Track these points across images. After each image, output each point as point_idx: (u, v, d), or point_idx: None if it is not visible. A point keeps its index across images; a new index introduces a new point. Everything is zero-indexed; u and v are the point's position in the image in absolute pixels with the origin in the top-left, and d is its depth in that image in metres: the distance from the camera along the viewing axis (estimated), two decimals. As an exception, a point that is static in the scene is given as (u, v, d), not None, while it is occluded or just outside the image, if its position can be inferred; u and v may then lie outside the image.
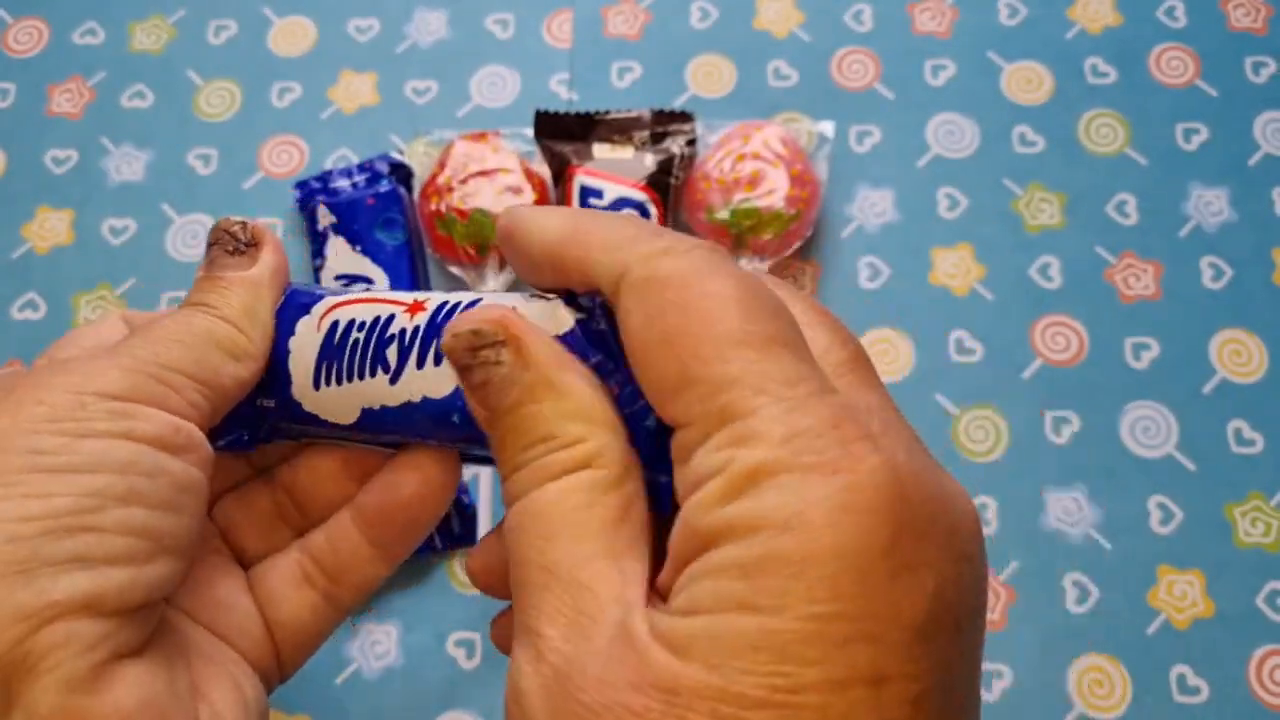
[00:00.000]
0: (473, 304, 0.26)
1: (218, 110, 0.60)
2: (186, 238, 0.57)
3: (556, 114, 0.55)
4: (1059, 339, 0.53)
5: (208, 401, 0.27)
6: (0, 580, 0.22)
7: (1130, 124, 0.58)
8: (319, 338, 0.28)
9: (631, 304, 0.22)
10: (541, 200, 0.54)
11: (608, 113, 0.55)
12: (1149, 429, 0.52)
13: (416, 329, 0.26)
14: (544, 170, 0.55)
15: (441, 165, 0.54)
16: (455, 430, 0.26)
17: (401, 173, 0.55)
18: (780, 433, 0.20)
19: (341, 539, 0.30)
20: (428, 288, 0.54)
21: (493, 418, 0.23)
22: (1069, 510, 0.50)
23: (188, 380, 0.26)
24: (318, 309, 0.28)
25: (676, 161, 0.53)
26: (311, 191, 0.55)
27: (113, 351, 0.26)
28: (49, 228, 0.57)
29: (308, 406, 0.28)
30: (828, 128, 0.57)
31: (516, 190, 0.53)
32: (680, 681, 0.19)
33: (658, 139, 0.55)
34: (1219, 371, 0.53)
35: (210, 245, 0.30)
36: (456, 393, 0.26)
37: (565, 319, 0.24)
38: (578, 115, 0.55)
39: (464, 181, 0.53)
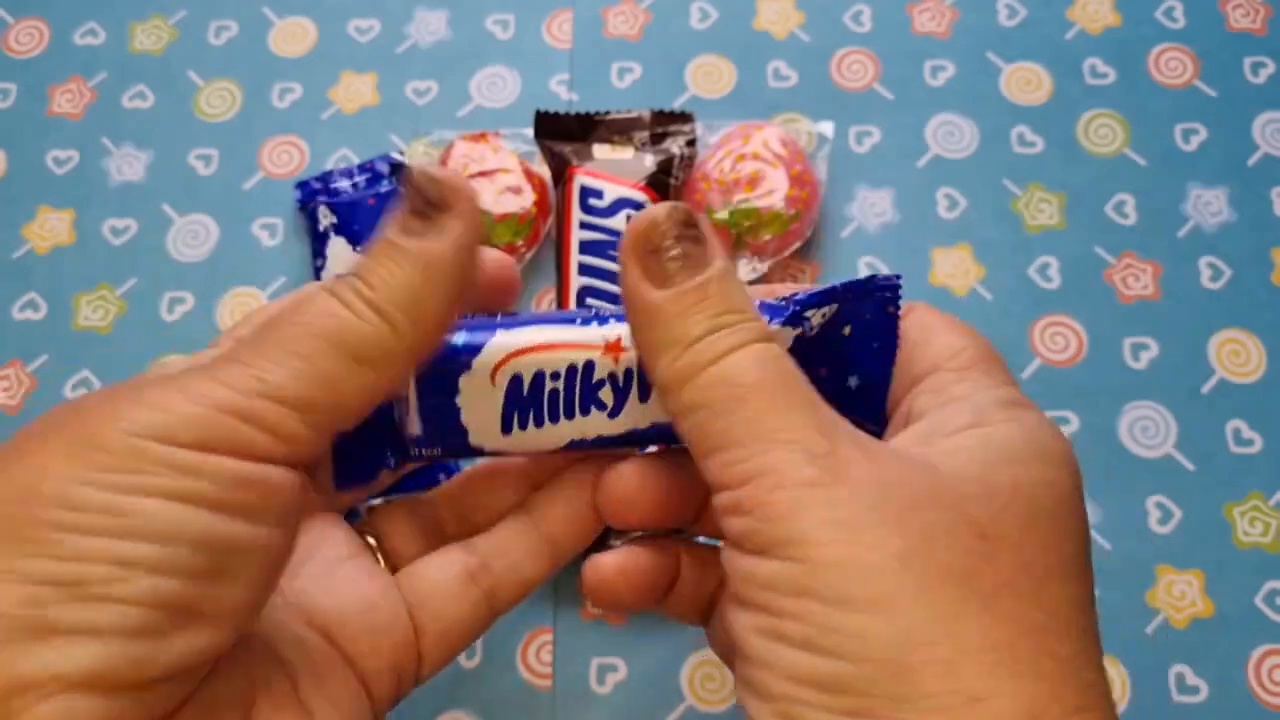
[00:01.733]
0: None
1: (218, 110, 0.60)
2: (187, 238, 0.57)
3: (556, 114, 0.55)
4: (1058, 339, 0.53)
5: (313, 430, 0.24)
6: (6, 645, 0.21)
7: (1129, 124, 0.58)
8: (498, 393, 0.27)
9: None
10: (541, 200, 0.54)
11: (608, 113, 0.56)
12: (1148, 429, 0.52)
13: (629, 371, 0.27)
14: (544, 170, 0.55)
15: (442, 165, 0.54)
16: (675, 439, 0.27)
17: (402, 173, 0.55)
18: (1016, 395, 0.28)
19: (516, 540, 0.30)
20: None
21: (673, 297, 0.25)
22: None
23: (289, 411, 0.23)
24: (481, 364, 0.27)
25: (676, 162, 0.53)
26: (312, 192, 0.55)
27: (207, 372, 0.23)
28: (49, 228, 0.58)
29: (491, 448, 0.28)
30: (827, 128, 0.57)
31: (516, 190, 0.53)
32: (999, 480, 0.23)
33: (658, 139, 0.55)
34: (1218, 371, 0.53)
35: (400, 197, 0.25)
36: None
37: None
38: (578, 116, 0.55)
39: (464, 182, 0.53)
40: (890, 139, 0.58)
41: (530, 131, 0.56)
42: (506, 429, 0.27)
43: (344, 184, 0.55)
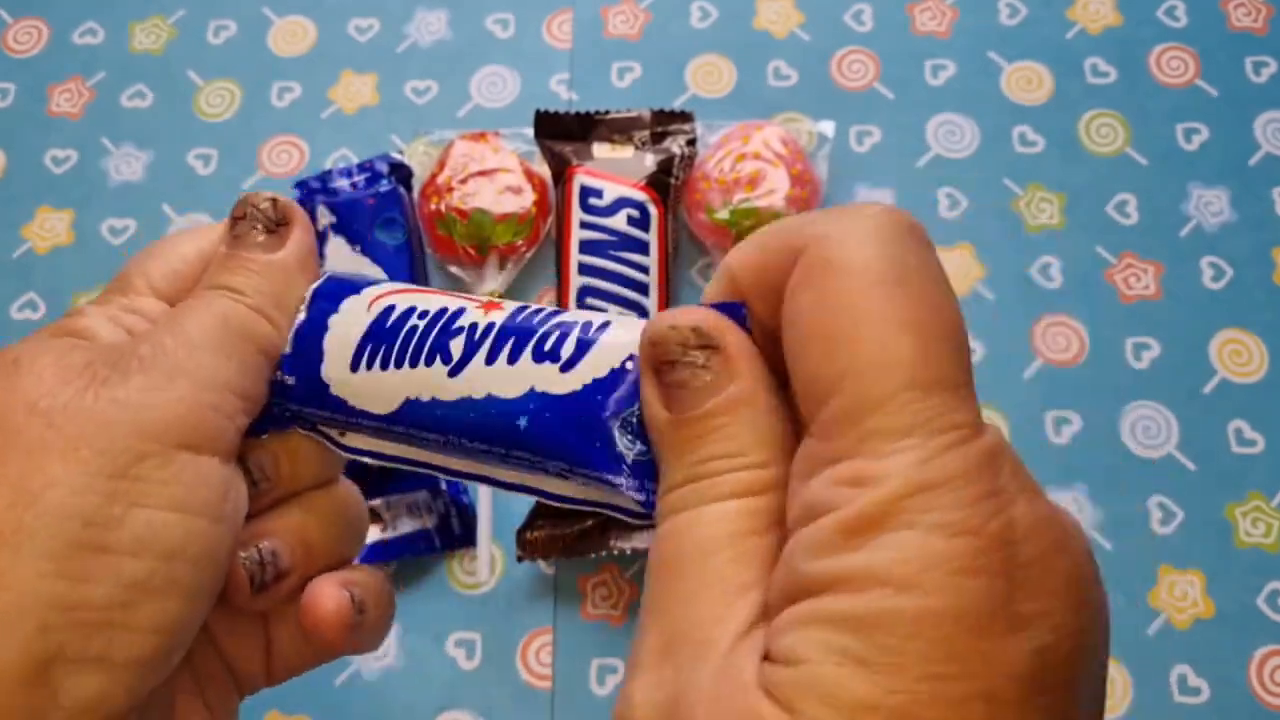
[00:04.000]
0: (555, 312, 0.25)
1: (218, 110, 0.60)
2: (186, 238, 0.57)
3: (556, 114, 0.55)
4: (1059, 339, 0.53)
5: (249, 419, 0.25)
6: (19, 677, 0.21)
7: (1130, 124, 0.58)
8: (367, 318, 0.26)
9: (802, 282, 0.21)
10: (541, 200, 0.54)
11: (608, 113, 0.55)
12: (1149, 429, 0.52)
13: (491, 324, 0.25)
14: (544, 170, 0.55)
15: (441, 165, 0.54)
16: (514, 435, 0.24)
17: (401, 173, 0.55)
18: (908, 484, 0.19)
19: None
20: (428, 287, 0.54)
21: (675, 423, 0.22)
22: (1069, 510, 0.50)
23: (239, 401, 0.25)
24: (371, 291, 0.27)
25: (676, 161, 0.53)
26: (311, 191, 0.55)
27: (176, 370, 0.24)
28: (49, 228, 0.57)
29: (336, 389, 0.26)
30: (828, 128, 0.57)
31: (516, 190, 0.53)
32: None
33: (658, 139, 0.55)
34: (1219, 371, 0.53)
35: (235, 220, 0.28)
36: (529, 396, 0.24)
37: None
38: (578, 115, 0.55)
39: (464, 181, 0.53)
40: (891, 138, 0.58)
41: (530, 131, 0.56)
42: (355, 364, 0.26)
43: (343, 183, 0.55)
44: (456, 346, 0.25)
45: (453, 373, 0.25)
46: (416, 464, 0.27)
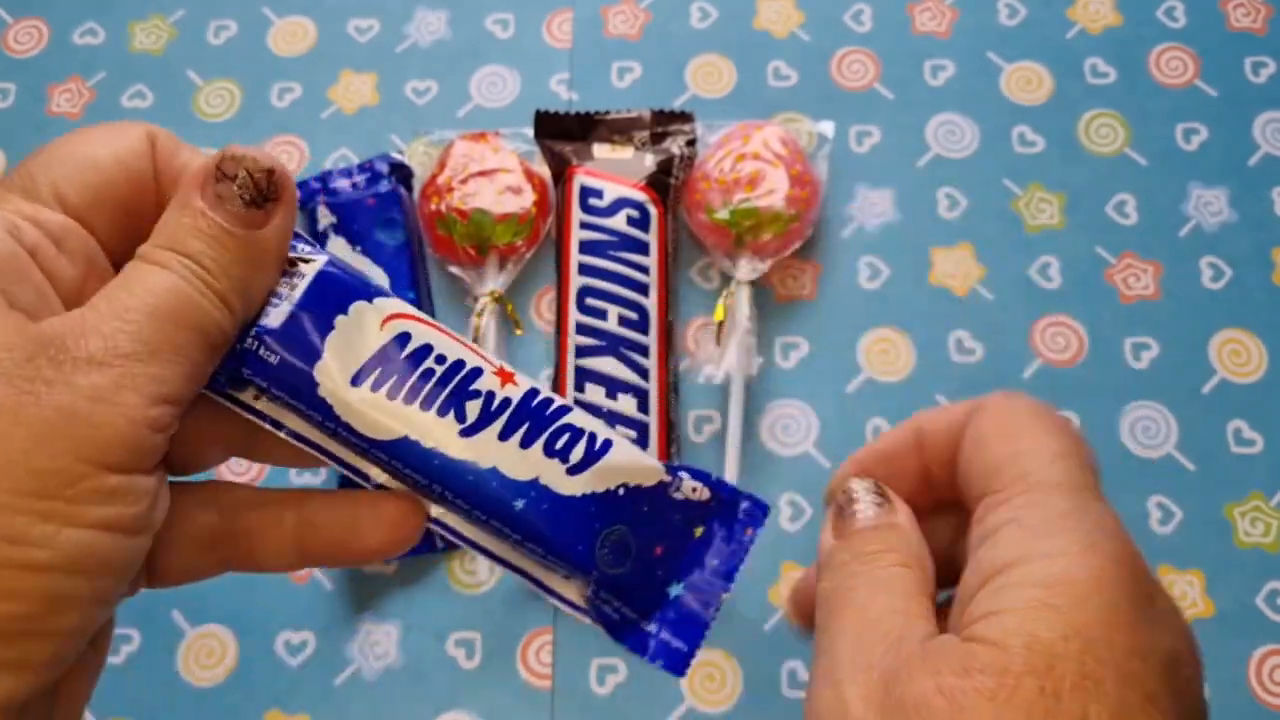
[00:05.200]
0: (564, 409, 0.27)
1: (218, 110, 0.60)
2: (186, 238, 0.57)
3: (556, 114, 0.55)
4: (1059, 339, 0.53)
5: (178, 421, 0.24)
6: None
7: (1130, 124, 0.58)
8: (381, 337, 0.25)
9: (985, 415, 0.30)
10: (541, 200, 0.54)
11: (608, 113, 0.55)
12: (1149, 429, 0.52)
13: (508, 400, 0.26)
14: (544, 170, 0.55)
15: (441, 165, 0.54)
16: (506, 510, 0.26)
17: (401, 173, 0.55)
18: (1070, 505, 0.26)
19: (272, 546, 0.27)
20: (428, 288, 0.54)
21: (842, 540, 0.30)
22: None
23: (177, 411, 0.23)
24: (383, 304, 0.26)
25: (676, 161, 0.53)
26: (311, 191, 0.55)
27: (125, 380, 0.22)
28: (49, 228, 0.57)
29: (325, 393, 0.25)
30: (827, 128, 0.57)
31: (516, 190, 0.53)
32: (1008, 662, 0.23)
33: (658, 139, 0.55)
34: (1218, 371, 0.53)
35: (221, 176, 0.25)
36: (533, 485, 0.26)
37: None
38: (578, 115, 0.55)
39: (464, 181, 0.53)
40: (890, 139, 0.58)
41: (530, 131, 0.56)
42: (358, 379, 0.25)
43: (343, 183, 0.55)
44: (473, 409, 0.26)
45: (465, 433, 0.25)
46: (346, 465, 0.26)
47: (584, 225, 0.52)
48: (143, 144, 0.26)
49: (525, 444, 0.26)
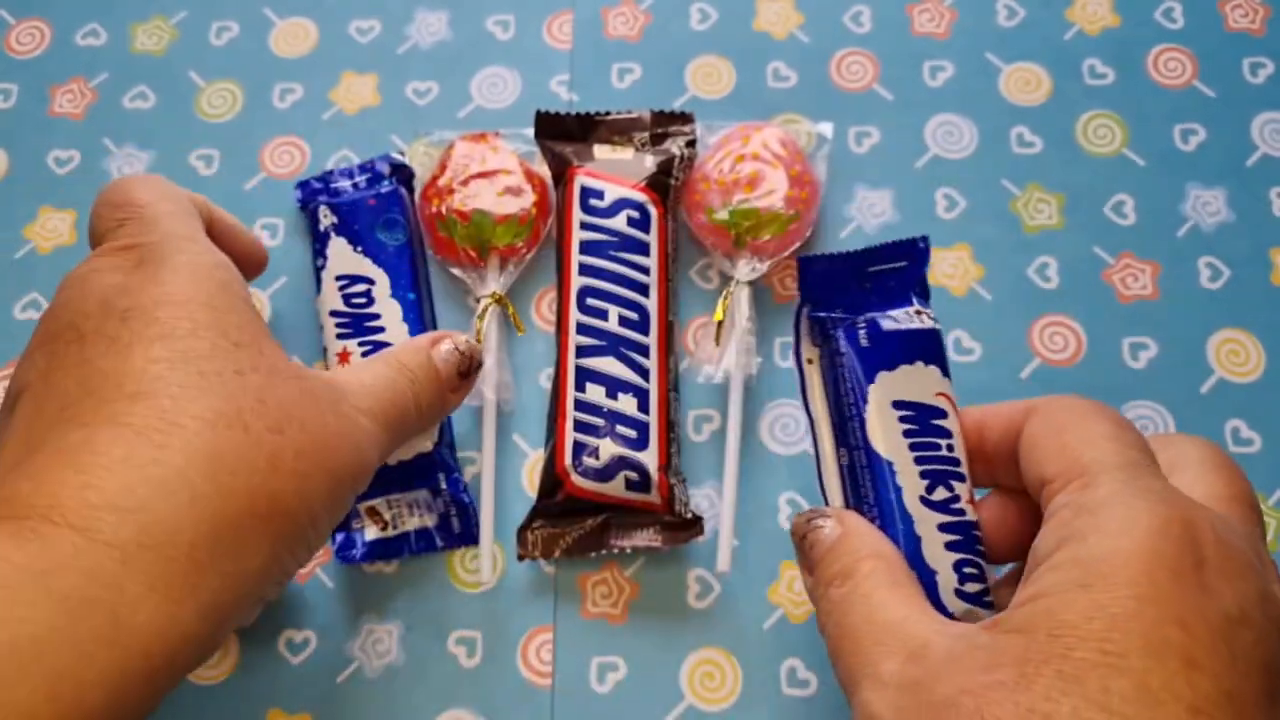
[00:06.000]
0: None
1: (219, 111, 0.60)
2: (188, 238, 0.57)
3: (557, 115, 0.55)
4: (1057, 339, 0.54)
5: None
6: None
7: (1128, 125, 0.58)
8: None
9: (1037, 415, 0.32)
10: (541, 201, 0.54)
11: (608, 114, 0.56)
12: (1147, 428, 0.52)
13: None
14: (544, 171, 0.55)
15: (443, 167, 0.54)
16: None
17: (403, 173, 0.55)
18: (1122, 480, 0.26)
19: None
20: (428, 289, 0.54)
21: (815, 567, 0.33)
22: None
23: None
24: None
25: (676, 162, 0.54)
26: (313, 192, 0.55)
27: (376, 439, 0.38)
28: (51, 228, 0.58)
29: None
30: (827, 128, 0.57)
31: (517, 191, 0.53)
32: (1029, 652, 0.23)
33: (658, 140, 0.55)
34: (1216, 371, 0.53)
35: (463, 356, 0.43)
36: None
37: None
38: (578, 116, 0.56)
39: (465, 183, 0.53)
40: (889, 139, 0.58)
41: (530, 131, 0.56)
42: None
43: (344, 184, 0.55)
44: None
45: None
46: None
47: (584, 226, 0.52)
48: (203, 204, 0.41)
49: None
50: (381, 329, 0.50)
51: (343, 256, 0.53)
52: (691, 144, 0.55)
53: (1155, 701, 0.22)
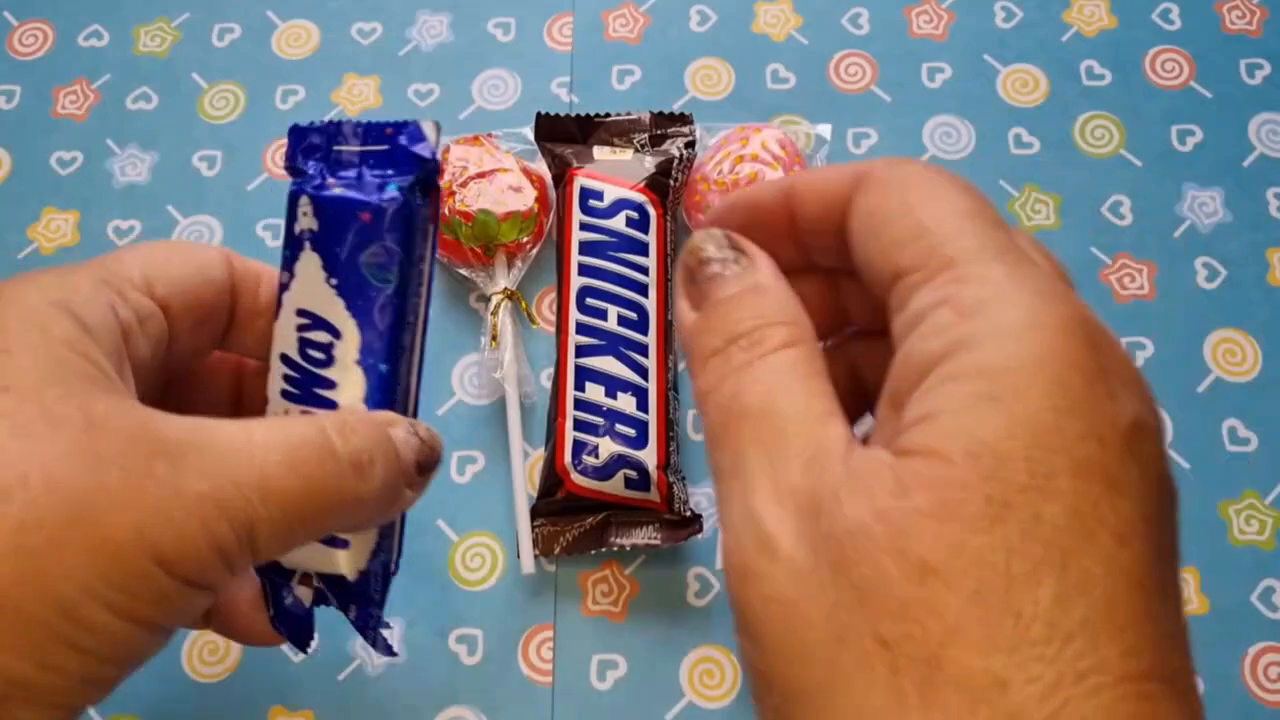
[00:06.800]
0: None
1: (222, 112, 0.61)
2: (191, 239, 0.57)
3: (557, 116, 0.56)
4: (1055, 339, 0.54)
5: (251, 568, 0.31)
6: None
7: (1125, 126, 0.58)
8: None
9: (873, 187, 0.25)
10: (542, 197, 0.54)
11: (608, 115, 0.56)
12: (1144, 428, 0.52)
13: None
14: (542, 169, 0.55)
15: (440, 170, 0.54)
16: None
17: (428, 172, 0.34)
18: (1003, 273, 0.22)
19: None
20: (417, 357, 0.34)
21: (706, 313, 0.25)
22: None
23: (255, 560, 0.28)
24: None
25: (676, 164, 0.54)
26: (303, 154, 0.34)
27: (226, 511, 0.26)
28: (54, 229, 0.58)
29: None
30: (825, 130, 0.57)
31: (517, 189, 0.53)
32: (948, 475, 0.20)
33: (657, 141, 0.55)
34: (1213, 370, 0.53)
35: (414, 436, 0.31)
36: None
37: None
38: (578, 118, 0.56)
39: (464, 185, 0.53)
40: (888, 140, 0.58)
41: (525, 130, 0.56)
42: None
43: (348, 154, 0.33)
44: None
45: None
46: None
47: (584, 226, 0.52)
48: (222, 258, 0.31)
49: None
50: (330, 403, 0.33)
51: (311, 282, 0.33)
52: (691, 145, 0.55)
53: (1087, 531, 0.20)
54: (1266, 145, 0.58)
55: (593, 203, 0.52)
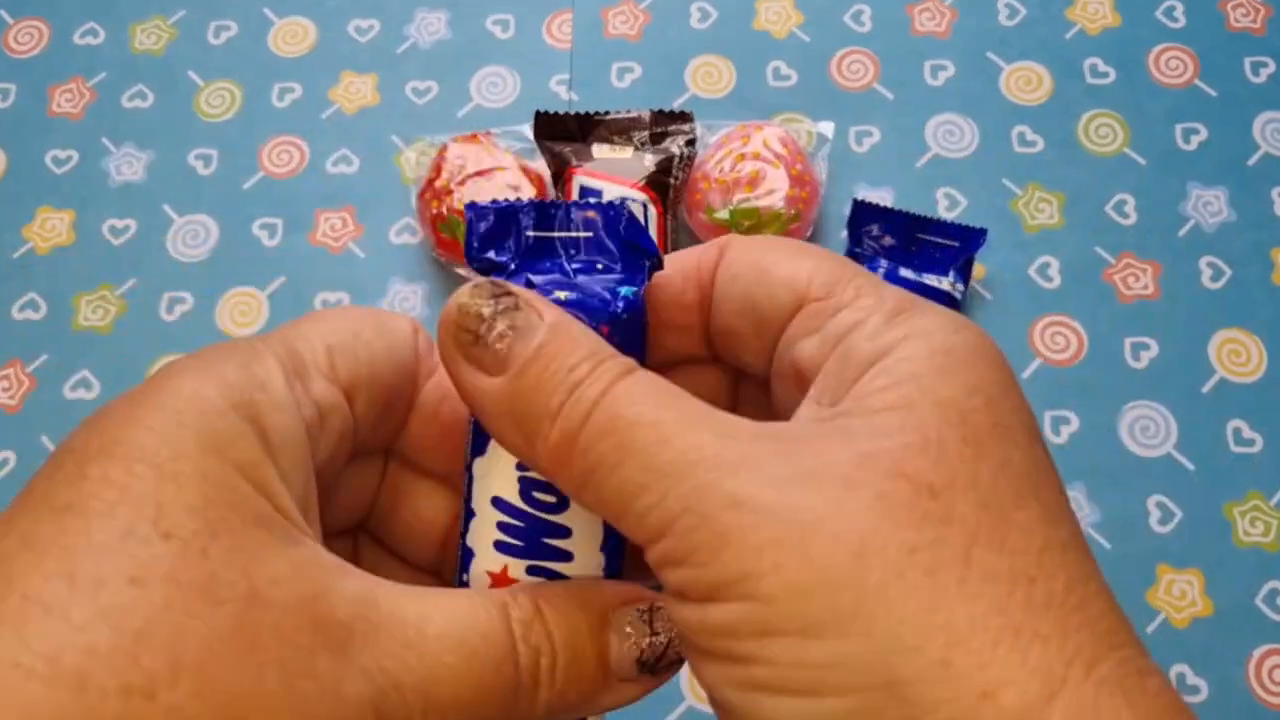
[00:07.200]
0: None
1: (218, 111, 0.60)
2: (187, 238, 0.57)
3: (556, 114, 0.55)
4: (1058, 339, 0.53)
5: None
6: None
7: (1129, 124, 0.58)
8: None
9: (744, 244, 0.26)
10: (540, 193, 0.54)
11: (607, 113, 0.56)
12: (1148, 428, 0.52)
13: None
14: (541, 167, 0.55)
15: (437, 169, 0.54)
16: None
17: (656, 265, 0.29)
18: (904, 299, 0.24)
19: None
20: None
21: (524, 366, 0.22)
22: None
23: None
24: None
25: (676, 162, 0.54)
26: (487, 240, 0.27)
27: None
28: (50, 228, 0.58)
29: None
30: (827, 128, 0.57)
31: (515, 187, 0.53)
32: (927, 419, 0.21)
33: (657, 139, 0.55)
34: (1218, 371, 0.53)
35: (645, 620, 0.24)
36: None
37: None
38: (577, 116, 0.55)
39: (462, 183, 0.53)
40: (890, 139, 0.58)
41: (524, 128, 0.56)
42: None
43: (538, 237, 0.27)
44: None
45: None
46: None
47: (584, 225, 0.52)
48: (411, 335, 0.26)
49: None
50: (567, 555, 0.28)
51: None
52: (691, 143, 0.55)
53: (1044, 470, 0.22)
54: (1271, 144, 0.57)
55: (591, 201, 0.52)
